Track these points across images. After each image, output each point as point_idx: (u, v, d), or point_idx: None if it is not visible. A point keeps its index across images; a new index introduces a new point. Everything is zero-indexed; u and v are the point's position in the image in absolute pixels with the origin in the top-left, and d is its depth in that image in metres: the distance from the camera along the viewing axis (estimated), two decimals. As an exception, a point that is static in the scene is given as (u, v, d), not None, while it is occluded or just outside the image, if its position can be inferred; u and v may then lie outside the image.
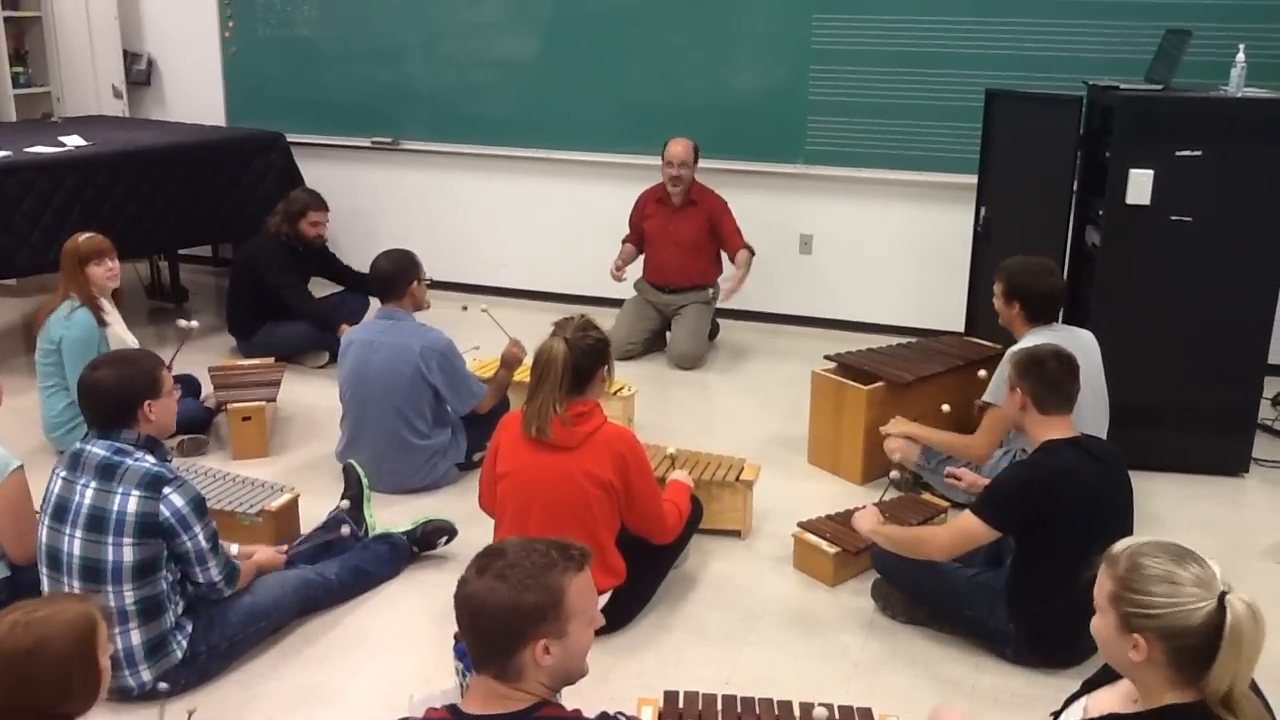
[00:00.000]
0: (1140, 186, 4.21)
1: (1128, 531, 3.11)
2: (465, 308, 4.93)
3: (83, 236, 4.40)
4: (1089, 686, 2.16)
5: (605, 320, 3.66)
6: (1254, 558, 3.80)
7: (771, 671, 3.13)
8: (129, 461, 2.85)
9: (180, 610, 2.96)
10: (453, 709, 1.89)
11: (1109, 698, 2.06)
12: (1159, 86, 4.38)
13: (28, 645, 1.96)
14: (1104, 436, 3.63)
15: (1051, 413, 3.10)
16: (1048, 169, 4.69)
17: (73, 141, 5.70)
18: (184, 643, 2.94)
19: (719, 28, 6.05)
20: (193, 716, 2.33)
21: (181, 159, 5.92)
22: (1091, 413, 3.63)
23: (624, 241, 5.94)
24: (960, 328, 5.17)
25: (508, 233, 6.82)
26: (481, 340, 4.81)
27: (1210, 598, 1.80)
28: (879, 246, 6.13)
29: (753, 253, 5.66)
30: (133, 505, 2.80)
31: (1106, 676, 2.10)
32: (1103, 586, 1.93)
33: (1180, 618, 1.80)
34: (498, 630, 1.85)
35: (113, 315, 4.43)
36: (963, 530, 3.12)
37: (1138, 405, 4.24)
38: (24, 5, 7.00)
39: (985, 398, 3.82)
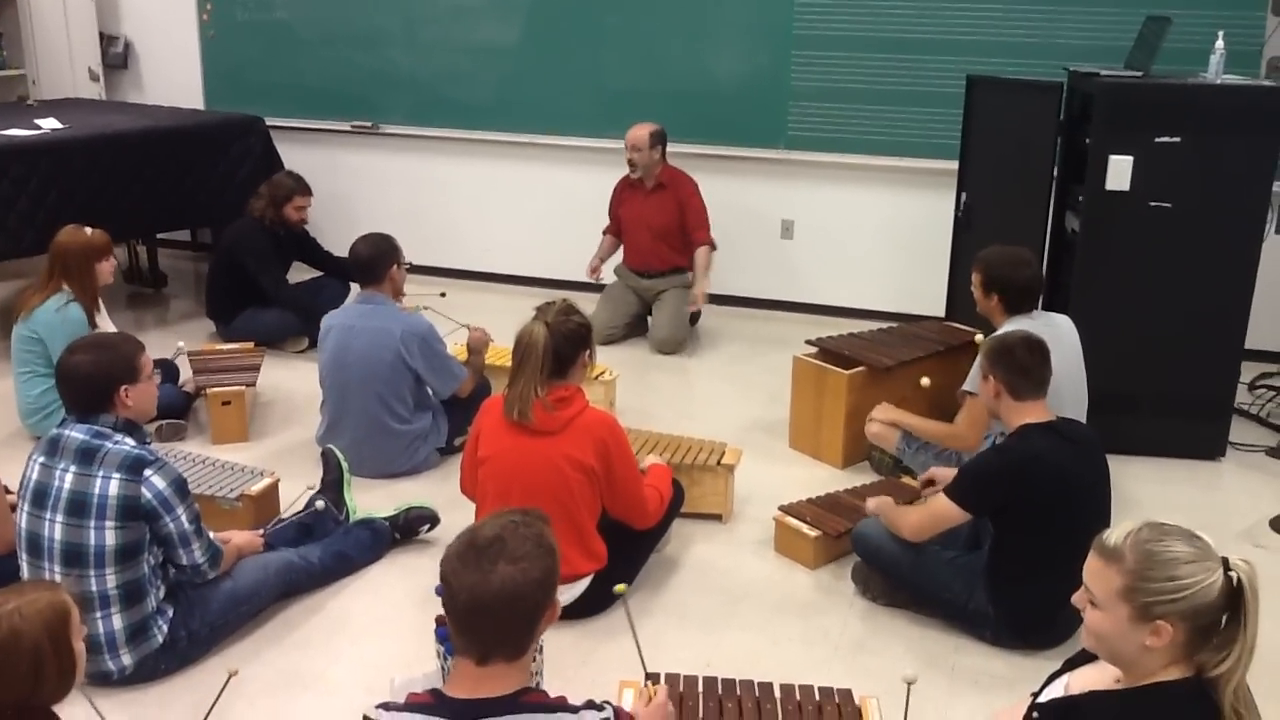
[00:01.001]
0: (1120, 173, 4.23)
1: (1104, 514, 3.14)
2: (444, 294, 4.93)
3: (89, 230, 4.35)
4: (1070, 665, 2.18)
5: (586, 305, 3.65)
6: (1230, 540, 3.84)
7: (752, 654, 3.14)
8: (109, 445, 2.83)
9: (161, 595, 2.95)
10: (436, 693, 1.88)
11: (1092, 675, 2.07)
12: (1139, 73, 4.39)
13: (1, 637, 1.94)
14: (1083, 421, 3.66)
15: (1025, 398, 3.13)
16: (1028, 155, 4.71)
17: (49, 124, 5.65)
18: (164, 627, 2.93)
19: (700, 14, 6.04)
20: (232, 678, 2.36)
21: (159, 143, 5.88)
22: (1070, 398, 3.65)
23: (604, 233, 5.94)
24: (941, 313, 5.19)
25: (488, 217, 6.80)
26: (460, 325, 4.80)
27: (1218, 568, 1.82)
28: (860, 232, 6.14)
29: (713, 247, 5.67)
30: (114, 488, 2.79)
31: (1089, 655, 2.11)
32: (1107, 584, 1.88)
33: (1202, 595, 1.81)
34: (531, 608, 1.84)
35: (101, 313, 4.41)
36: (934, 511, 3.18)
37: (1117, 390, 4.26)
38: (-2, -13, 6.93)
39: (965, 387, 3.83)
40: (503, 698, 1.84)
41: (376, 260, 4.21)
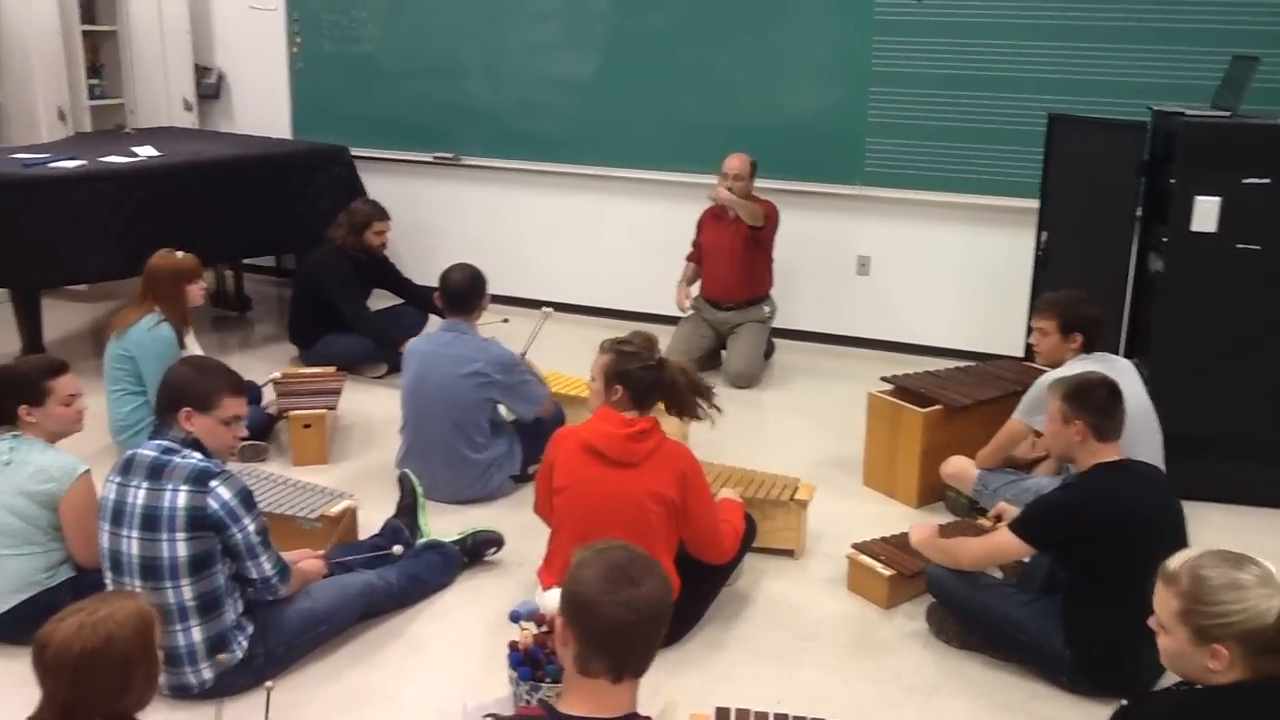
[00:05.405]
0: (1206, 214, 4.17)
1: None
2: (506, 320, 5.02)
3: (179, 254, 4.49)
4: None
5: (661, 337, 3.67)
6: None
7: (823, 692, 3.12)
8: (176, 459, 2.92)
9: (240, 610, 3.01)
10: (548, 708, 1.92)
11: None
12: (1226, 113, 4.33)
13: (95, 644, 2.00)
14: (1159, 461, 3.61)
15: (1108, 440, 3.11)
16: (1110, 194, 4.66)
17: (145, 152, 5.83)
18: (244, 643, 2.99)
19: (777, 49, 6.07)
20: (271, 693, 2.41)
21: (248, 171, 6.04)
22: (1143, 439, 3.61)
23: (688, 259, 5.96)
24: (1019, 353, 5.13)
25: (563, 248, 6.87)
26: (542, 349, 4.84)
27: (1277, 594, 1.87)
28: (937, 269, 6.09)
29: (757, 228, 5.60)
30: (182, 500, 2.86)
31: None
32: (1166, 605, 1.96)
33: (1256, 619, 1.86)
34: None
35: (189, 335, 4.54)
36: (995, 543, 3.20)
37: (1197, 434, 4.17)
38: (101, 19, 7.17)
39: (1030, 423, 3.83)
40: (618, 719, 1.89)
41: (473, 291, 4.27)
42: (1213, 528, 4.09)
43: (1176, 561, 1.97)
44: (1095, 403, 3.10)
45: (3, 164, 5.41)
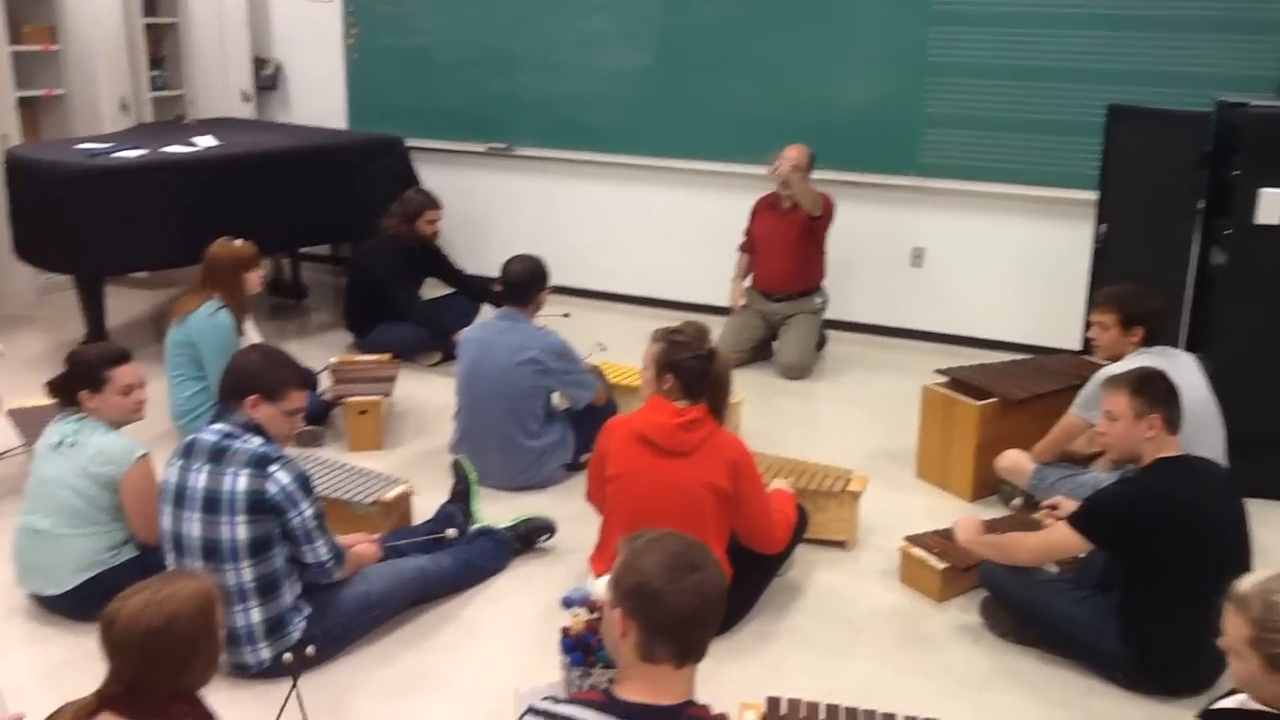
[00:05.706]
0: (1271, 206, 4.09)
1: (1240, 555, 3.03)
2: (567, 314, 5.03)
3: (238, 242, 4.56)
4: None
5: (713, 328, 3.68)
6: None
7: (874, 684, 3.11)
8: (236, 444, 2.97)
9: (298, 592, 3.06)
10: (607, 694, 1.94)
11: None
12: (1293, 103, 4.25)
13: (160, 623, 2.04)
14: (1221, 457, 3.55)
15: (1176, 433, 3.08)
16: (1172, 186, 4.57)
17: (205, 142, 5.91)
18: (302, 624, 3.04)
19: (832, 40, 6.03)
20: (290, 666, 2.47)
21: (305, 161, 6.10)
22: (1205, 434, 3.55)
23: (740, 249, 5.95)
24: (1076, 346, 5.07)
25: (616, 239, 6.88)
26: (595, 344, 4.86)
27: None
28: (993, 261, 6.03)
29: (815, 218, 5.58)
30: (242, 484, 2.92)
31: None
32: (1236, 631, 1.88)
33: None
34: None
35: (248, 322, 4.62)
36: (1053, 538, 3.16)
37: (1261, 433, 4.09)
38: (162, 12, 7.29)
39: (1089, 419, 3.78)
40: (672, 707, 1.89)
41: (532, 282, 4.30)
42: (1274, 528, 4.01)
43: (1248, 584, 1.90)
44: (1165, 395, 3.07)
45: (68, 154, 5.52)
